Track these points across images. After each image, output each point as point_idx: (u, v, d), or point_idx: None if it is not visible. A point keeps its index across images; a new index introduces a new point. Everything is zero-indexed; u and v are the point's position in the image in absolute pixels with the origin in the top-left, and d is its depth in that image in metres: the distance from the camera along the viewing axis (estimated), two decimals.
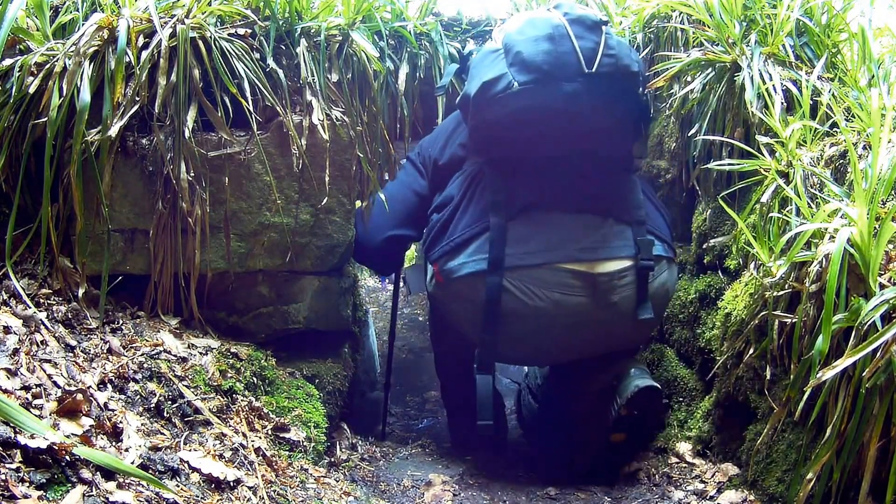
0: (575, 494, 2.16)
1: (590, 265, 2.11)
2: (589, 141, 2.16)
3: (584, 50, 2.02)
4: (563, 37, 2.03)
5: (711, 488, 1.98)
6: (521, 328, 2.16)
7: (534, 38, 2.04)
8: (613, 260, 2.13)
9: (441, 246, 2.21)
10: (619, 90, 2.08)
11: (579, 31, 2.05)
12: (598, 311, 2.13)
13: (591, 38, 2.05)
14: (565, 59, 2.02)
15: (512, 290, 2.10)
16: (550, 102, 2.03)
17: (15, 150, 2.00)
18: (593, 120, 2.09)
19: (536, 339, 2.21)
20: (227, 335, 2.26)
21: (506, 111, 2.06)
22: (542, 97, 2.02)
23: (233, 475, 1.59)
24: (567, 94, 2.02)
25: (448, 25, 2.92)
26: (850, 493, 1.44)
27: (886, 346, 1.33)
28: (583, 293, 2.11)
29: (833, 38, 2.19)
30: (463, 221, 2.19)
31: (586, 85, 2.02)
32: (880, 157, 1.56)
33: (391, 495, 2.10)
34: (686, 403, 2.38)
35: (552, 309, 2.10)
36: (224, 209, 2.18)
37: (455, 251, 2.16)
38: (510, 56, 2.06)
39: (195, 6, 2.15)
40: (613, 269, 2.13)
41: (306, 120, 2.24)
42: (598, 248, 2.13)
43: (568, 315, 2.12)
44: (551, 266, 2.09)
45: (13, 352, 1.54)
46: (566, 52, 2.02)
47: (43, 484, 1.20)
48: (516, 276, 2.09)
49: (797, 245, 1.62)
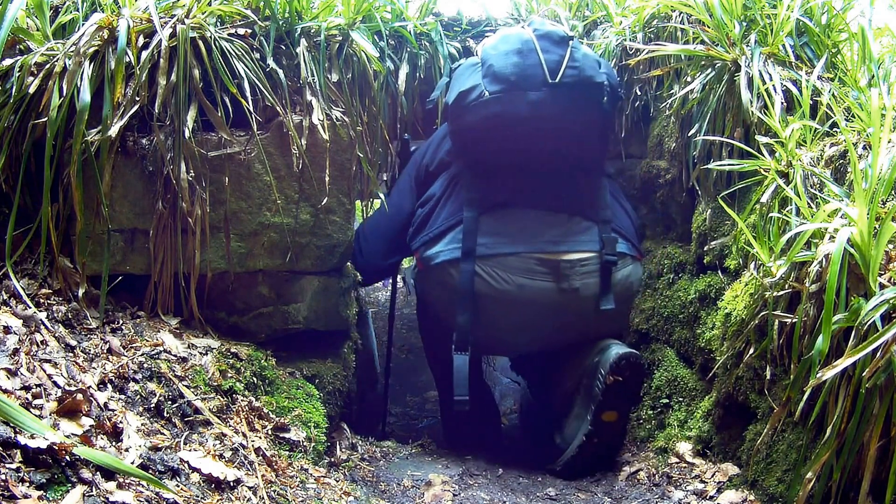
0: (575, 494, 2.16)
1: (555, 255, 2.32)
2: (556, 145, 2.35)
3: (549, 62, 2.25)
4: (530, 51, 2.26)
5: (711, 488, 1.98)
6: (491, 312, 2.35)
7: (505, 52, 2.28)
8: (577, 252, 2.34)
9: (421, 236, 2.44)
10: (581, 99, 2.28)
11: (546, 45, 2.27)
12: (560, 295, 2.32)
13: (556, 52, 2.26)
14: (531, 70, 2.25)
15: (483, 276, 2.31)
16: (517, 110, 2.25)
17: (15, 150, 2.00)
18: (557, 126, 2.30)
19: (506, 322, 2.38)
20: (227, 335, 2.26)
21: (478, 117, 2.30)
22: (509, 105, 2.25)
23: (233, 475, 1.59)
24: (532, 102, 2.24)
25: (448, 25, 2.92)
26: (850, 493, 1.44)
27: (886, 346, 1.33)
28: (546, 278, 2.32)
29: (833, 38, 2.19)
30: (442, 215, 2.42)
31: (550, 94, 2.24)
32: (880, 157, 1.56)
33: (391, 495, 2.10)
34: (686, 403, 2.39)
35: (517, 292, 2.30)
36: (224, 209, 2.18)
37: (433, 241, 2.40)
38: (484, 68, 2.31)
39: (195, 6, 2.15)
40: (576, 258, 2.33)
41: (306, 120, 2.24)
42: (563, 241, 2.35)
43: (532, 298, 2.31)
44: (519, 255, 2.31)
45: (13, 352, 1.54)
46: (533, 64, 2.25)
47: (43, 484, 1.20)
48: (487, 263, 2.32)
49: (797, 245, 1.62)
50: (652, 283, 2.71)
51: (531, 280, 2.30)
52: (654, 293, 2.68)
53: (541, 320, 2.37)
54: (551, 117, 2.27)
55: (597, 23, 2.94)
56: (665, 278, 2.62)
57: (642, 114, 2.79)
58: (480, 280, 2.31)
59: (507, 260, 2.30)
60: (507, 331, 2.43)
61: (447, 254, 2.35)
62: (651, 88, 2.72)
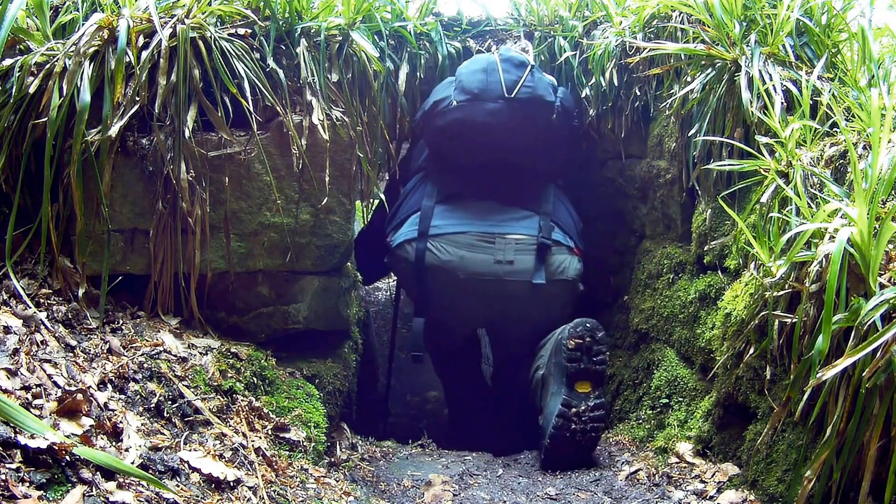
0: (575, 494, 2.16)
1: (495, 234, 2.70)
2: (508, 151, 2.75)
3: (508, 81, 2.65)
4: (493, 70, 2.67)
5: (711, 488, 1.98)
6: (439, 281, 2.71)
7: (473, 70, 2.70)
8: (516, 234, 2.71)
9: (392, 226, 2.83)
10: (533, 114, 2.67)
11: (507, 67, 2.67)
12: (497, 266, 2.66)
13: (515, 73, 2.67)
14: (492, 86, 2.65)
15: (432, 251, 2.69)
16: (476, 116, 2.65)
17: (15, 150, 2.00)
18: (510, 134, 2.69)
19: (453, 291, 2.71)
20: (228, 335, 2.26)
21: (445, 121, 2.68)
22: (470, 112, 2.66)
23: (233, 475, 1.59)
24: (489, 111, 2.65)
25: (448, 25, 2.92)
26: (850, 493, 1.44)
27: (886, 346, 1.33)
28: (485, 251, 2.67)
29: (833, 38, 2.19)
30: (407, 206, 2.82)
31: (506, 106, 2.64)
32: (880, 157, 1.56)
33: (391, 495, 2.10)
34: (686, 403, 2.38)
35: (458, 262, 2.66)
36: (224, 209, 2.18)
37: (398, 227, 2.78)
38: (456, 83, 2.71)
39: (195, 6, 2.15)
40: (513, 237, 2.70)
41: (306, 120, 2.24)
42: (504, 224, 2.73)
43: (473, 270, 2.66)
44: (465, 234, 2.70)
45: (13, 352, 1.54)
46: (494, 81, 2.66)
47: (43, 484, 1.20)
48: (437, 240, 2.70)
49: (797, 245, 1.62)
50: (652, 283, 2.71)
51: (472, 253, 2.67)
52: (654, 293, 2.68)
53: (481, 289, 2.69)
54: (505, 126, 2.66)
55: (597, 23, 2.94)
56: (665, 278, 2.62)
57: (642, 114, 2.79)
58: (430, 254, 2.69)
59: (454, 237, 2.69)
60: (455, 301, 2.77)
61: (405, 235, 2.74)
62: (651, 88, 2.72)
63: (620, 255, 3.11)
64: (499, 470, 2.39)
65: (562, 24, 2.98)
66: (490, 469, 2.39)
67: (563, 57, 2.91)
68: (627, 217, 3.02)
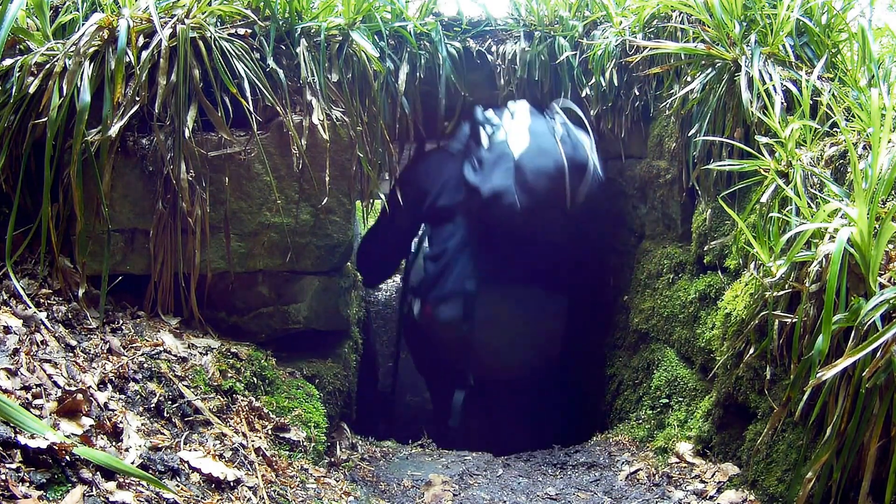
0: (575, 494, 2.16)
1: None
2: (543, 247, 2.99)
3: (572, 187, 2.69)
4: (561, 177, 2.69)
5: (711, 488, 1.98)
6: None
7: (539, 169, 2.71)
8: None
9: (433, 293, 2.92)
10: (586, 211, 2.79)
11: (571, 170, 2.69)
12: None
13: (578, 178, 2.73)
14: (559, 193, 2.68)
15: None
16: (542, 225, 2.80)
17: (15, 150, 2.00)
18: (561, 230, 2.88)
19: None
20: (228, 335, 2.26)
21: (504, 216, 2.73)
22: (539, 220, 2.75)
23: (233, 475, 1.59)
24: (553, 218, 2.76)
25: (448, 25, 2.92)
26: (850, 493, 1.44)
27: (886, 346, 1.33)
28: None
29: (833, 38, 2.19)
30: (451, 279, 2.89)
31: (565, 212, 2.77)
32: (880, 157, 1.56)
33: (391, 495, 2.10)
34: (686, 403, 2.38)
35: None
36: (224, 209, 2.18)
37: (441, 301, 2.88)
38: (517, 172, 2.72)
39: (195, 6, 2.15)
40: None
41: (306, 120, 2.24)
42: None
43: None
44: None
45: (13, 352, 1.54)
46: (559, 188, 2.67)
47: (43, 484, 1.20)
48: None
49: (797, 245, 1.62)
50: (652, 283, 2.71)
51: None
52: (654, 293, 2.68)
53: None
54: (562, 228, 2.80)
55: (596, 23, 2.94)
56: (665, 278, 2.62)
57: (642, 114, 2.79)
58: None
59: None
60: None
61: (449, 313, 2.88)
62: (651, 88, 2.72)
63: (620, 255, 3.10)
64: (499, 470, 2.39)
65: (562, 24, 2.98)
66: (490, 469, 2.39)
67: (563, 57, 2.91)
68: (627, 217, 3.02)
